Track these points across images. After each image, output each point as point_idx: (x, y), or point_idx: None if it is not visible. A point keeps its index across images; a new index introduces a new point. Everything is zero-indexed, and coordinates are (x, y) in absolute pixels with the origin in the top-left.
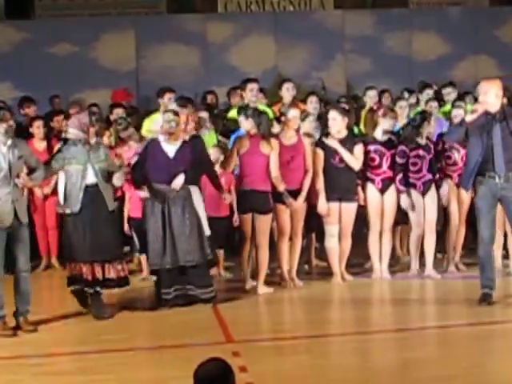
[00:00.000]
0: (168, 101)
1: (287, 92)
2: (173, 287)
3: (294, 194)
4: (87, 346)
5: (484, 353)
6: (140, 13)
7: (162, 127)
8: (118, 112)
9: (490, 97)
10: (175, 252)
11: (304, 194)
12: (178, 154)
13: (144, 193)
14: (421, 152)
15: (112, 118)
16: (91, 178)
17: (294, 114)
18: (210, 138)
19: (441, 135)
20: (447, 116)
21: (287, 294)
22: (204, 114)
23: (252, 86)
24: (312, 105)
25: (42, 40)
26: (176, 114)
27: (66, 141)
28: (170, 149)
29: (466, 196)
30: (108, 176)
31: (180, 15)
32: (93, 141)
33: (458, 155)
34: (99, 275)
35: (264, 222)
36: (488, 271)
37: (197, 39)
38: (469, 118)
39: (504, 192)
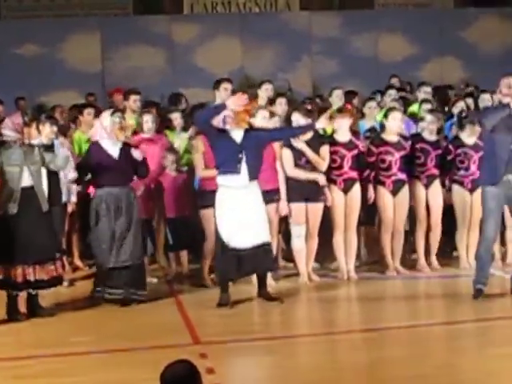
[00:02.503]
0: (133, 103)
1: (265, 93)
2: (113, 287)
3: (263, 193)
4: (56, 348)
5: (454, 352)
6: (106, 14)
7: (109, 128)
8: (90, 112)
9: None
10: (122, 252)
11: (284, 196)
12: (121, 153)
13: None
14: (390, 149)
15: (82, 118)
16: (26, 180)
17: (263, 114)
18: (183, 139)
19: (412, 135)
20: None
21: (254, 294)
22: (176, 116)
23: (226, 86)
24: (281, 106)
25: (8, 41)
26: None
27: (2, 144)
28: (113, 150)
29: (439, 197)
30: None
31: (146, 16)
32: (36, 141)
33: (427, 156)
34: (30, 277)
35: None
36: (486, 270)
37: (163, 40)
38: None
39: None
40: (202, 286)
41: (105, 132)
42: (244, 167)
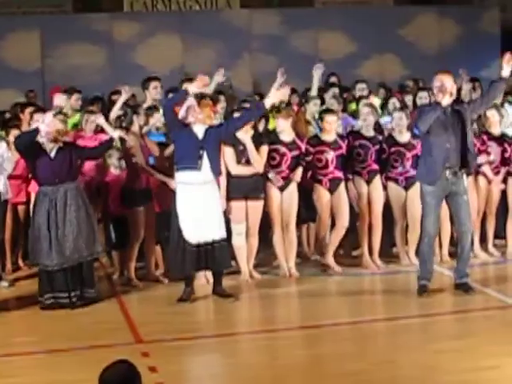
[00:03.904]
0: (75, 101)
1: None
2: (53, 292)
3: None
4: None
5: (395, 348)
6: (45, 12)
7: (50, 130)
8: (30, 111)
9: (449, 87)
10: (61, 252)
11: (223, 192)
12: (58, 153)
13: None
14: (326, 148)
15: (23, 117)
16: None
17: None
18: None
19: (350, 132)
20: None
21: (196, 293)
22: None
23: (155, 84)
24: (220, 104)
25: None
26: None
27: None
28: (51, 149)
29: (380, 193)
30: None
31: (86, 14)
32: None
33: (367, 152)
34: None
35: None
36: (430, 264)
37: (103, 38)
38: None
39: (454, 187)
40: (131, 286)
41: (47, 133)
42: (205, 164)
